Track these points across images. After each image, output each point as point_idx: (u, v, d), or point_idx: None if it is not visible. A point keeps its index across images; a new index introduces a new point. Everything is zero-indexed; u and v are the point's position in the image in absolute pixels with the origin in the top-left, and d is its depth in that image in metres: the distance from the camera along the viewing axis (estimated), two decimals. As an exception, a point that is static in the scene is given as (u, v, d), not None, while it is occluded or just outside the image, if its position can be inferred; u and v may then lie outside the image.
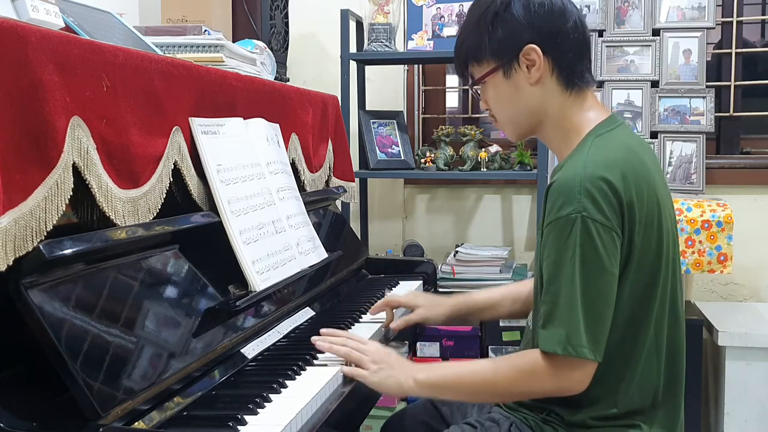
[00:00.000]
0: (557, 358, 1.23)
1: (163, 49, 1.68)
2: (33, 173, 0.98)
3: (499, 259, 2.71)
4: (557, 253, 1.24)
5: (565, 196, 1.23)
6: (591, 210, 1.21)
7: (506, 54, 1.33)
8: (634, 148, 1.33)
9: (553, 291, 1.24)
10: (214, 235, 1.41)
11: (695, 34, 2.72)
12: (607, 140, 1.31)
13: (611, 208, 1.22)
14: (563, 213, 1.23)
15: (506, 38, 1.33)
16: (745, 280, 2.87)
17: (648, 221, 1.27)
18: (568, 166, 1.28)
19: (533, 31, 1.31)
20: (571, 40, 1.33)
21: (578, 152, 1.30)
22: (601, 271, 1.22)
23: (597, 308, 1.22)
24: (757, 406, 2.45)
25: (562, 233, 1.23)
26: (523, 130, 1.42)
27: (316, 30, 3.11)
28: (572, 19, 1.33)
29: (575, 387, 1.26)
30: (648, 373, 1.31)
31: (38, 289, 0.98)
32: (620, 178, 1.24)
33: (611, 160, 1.26)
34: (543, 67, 1.32)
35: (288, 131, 1.89)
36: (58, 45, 1.05)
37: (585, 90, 1.37)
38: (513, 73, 1.34)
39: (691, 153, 2.73)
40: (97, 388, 0.99)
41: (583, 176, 1.23)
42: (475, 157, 2.76)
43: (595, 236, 1.21)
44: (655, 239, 1.28)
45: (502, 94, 1.37)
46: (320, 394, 1.24)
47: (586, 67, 1.37)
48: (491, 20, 1.33)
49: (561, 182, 1.25)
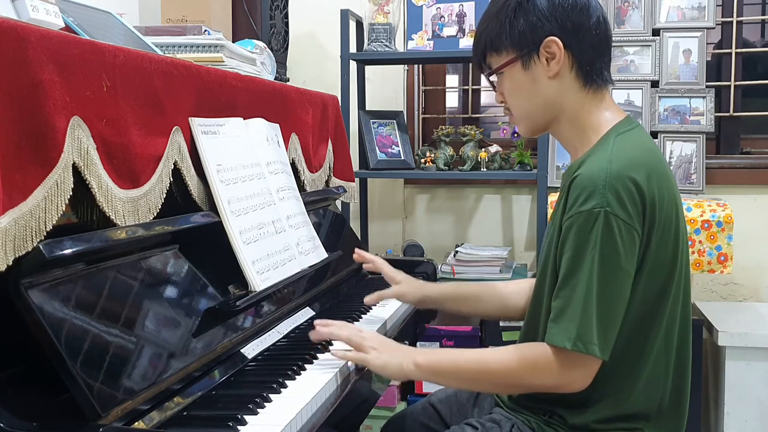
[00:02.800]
0: (564, 353, 1.22)
1: (163, 49, 1.68)
2: (33, 173, 0.98)
3: (499, 259, 2.71)
4: (577, 248, 1.22)
5: (590, 190, 1.22)
6: (615, 206, 1.20)
7: (526, 45, 1.32)
8: (654, 150, 1.32)
9: (570, 286, 1.23)
10: (214, 235, 1.41)
11: (695, 34, 2.72)
12: (629, 139, 1.30)
13: (634, 206, 1.22)
14: (586, 207, 1.21)
15: (528, 29, 1.31)
16: (745, 280, 2.87)
17: (666, 224, 1.26)
18: (592, 161, 1.26)
19: (556, 23, 1.30)
20: (593, 36, 1.32)
21: (601, 148, 1.29)
22: (618, 269, 1.21)
23: (610, 306, 1.22)
24: (757, 406, 2.45)
25: (584, 228, 1.22)
26: (538, 125, 1.40)
27: (316, 30, 3.11)
28: (596, 15, 1.32)
29: (576, 384, 1.25)
30: (655, 376, 1.30)
31: (38, 289, 0.98)
32: (645, 178, 1.23)
33: (637, 159, 1.25)
34: (563, 61, 1.31)
35: (288, 131, 1.89)
36: (58, 45, 1.04)
37: (603, 88, 1.36)
38: (532, 64, 1.33)
39: (691, 153, 2.73)
40: (97, 388, 0.98)
41: (609, 172, 1.22)
42: (475, 157, 2.76)
43: (616, 232, 1.20)
44: (672, 242, 1.27)
45: (519, 85, 1.36)
46: (320, 394, 1.24)
47: (606, 65, 1.35)
48: (514, 9, 1.32)
49: (585, 176, 1.24)
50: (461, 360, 1.34)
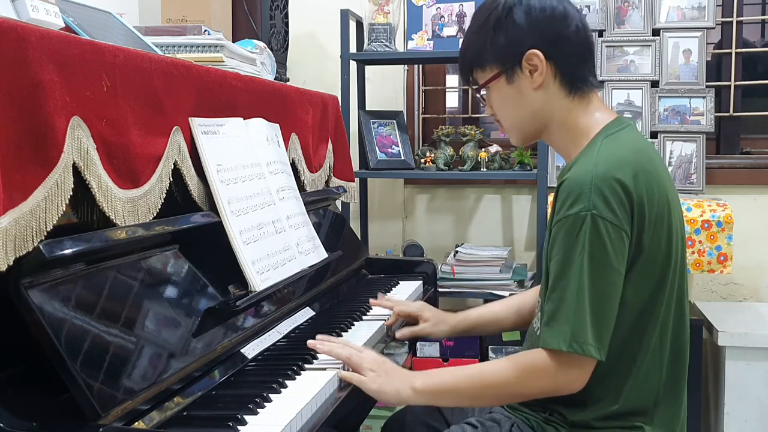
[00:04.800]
0: (561, 356, 1.23)
1: (163, 49, 1.68)
2: (33, 173, 0.98)
3: (499, 259, 2.71)
4: (565, 251, 1.24)
5: (576, 194, 1.23)
6: (601, 208, 1.21)
7: (509, 59, 1.34)
8: (644, 149, 1.33)
9: (560, 288, 1.24)
10: (214, 235, 1.41)
11: (695, 34, 2.72)
12: (617, 140, 1.31)
13: (621, 207, 1.23)
14: (573, 210, 1.23)
15: (508, 44, 1.34)
16: (745, 280, 2.87)
17: (658, 221, 1.27)
18: (579, 165, 1.28)
19: (535, 36, 1.32)
20: (574, 44, 1.34)
21: (588, 151, 1.30)
22: (608, 270, 1.22)
23: (603, 307, 1.23)
24: (757, 406, 2.45)
25: (572, 231, 1.23)
26: (528, 135, 1.42)
27: (316, 30, 3.11)
28: (574, 23, 1.34)
29: (573, 386, 1.26)
30: (651, 372, 1.31)
31: (38, 289, 0.98)
32: (631, 178, 1.24)
33: (622, 159, 1.26)
34: (546, 72, 1.33)
35: (288, 131, 1.89)
36: (58, 45, 1.04)
37: (589, 93, 1.37)
38: (516, 77, 1.35)
39: (691, 153, 2.73)
40: (97, 388, 0.98)
41: (594, 174, 1.23)
42: (475, 157, 2.76)
43: (604, 234, 1.21)
44: (664, 239, 1.28)
45: (506, 99, 1.39)
46: (320, 394, 1.24)
47: (590, 71, 1.37)
48: (493, 26, 1.35)
49: (572, 180, 1.25)
50: (459, 379, 1.34)
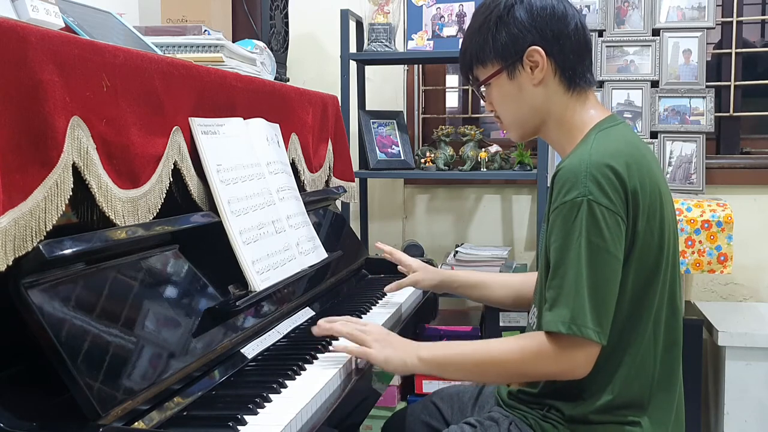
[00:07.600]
0: (561, 339, 1.24)
1: (163, 49, 1.68)
2: (33, 173, 0.98)
3: (499, 259, 2.71)
4: (563, 238, 1.26)
5: (572, 181, 1.26)
6: (596, 194, 1.24)
7: (510, 56, 1.38)
8: (636, 144, 1.36)
9: (560, 274, 1.25)
10: (214, 235, 1.41)
11: (695, 34, 2.72)
12: (610, 134, 1.35)
13: (616, 193, 1.25)
14: (569, 197, 1.25)
15: (510, 40, 1.37)
16: (745, 280, 2.87)
17: (650, 211, 1.29)
18: (573, 156, 1.31)
19: (536, 33, 1.36)
20: (573, 42, 1.37)
21: (583, 144, 1.34)
22: (606, 255, 1.24)
23: (602, 291, 1.24)
24: (757, 406, 2.45)
25: (569, 217, 1.25)
26: (527, 130, 1.45)
27: (316, 30, 3.11)
28: (573, 22, 1.38)
29: (578, 370, 1.27)
30: (645, 363, 1.33)
31: (38, 289, 0.98)
32: (624, 166, 1.27)
33: (615, 150, 1.29)
34: (546, 68, 1.36)
35: (288, 131, 1.89)
36: (58, 45, 1.04)
37: (586, 90, 1.41)
38: (517, 74, 1.38)
39: (691, 153, 2.73)
40: (97, 388, 0.98)
41: (589, 162, 1.26)
42: (475, 157, 2.76)
43: (600, 219, 1.23)
44: (657, 230, 1.30)
45: (506, 95, 1.41)
46: (320, 393, 1.24)
47: (588, 68, 1.41)
48: (495, 23, 1.38)
49: (567, 169, 1.28)
50: (465, 352, 1.36)
